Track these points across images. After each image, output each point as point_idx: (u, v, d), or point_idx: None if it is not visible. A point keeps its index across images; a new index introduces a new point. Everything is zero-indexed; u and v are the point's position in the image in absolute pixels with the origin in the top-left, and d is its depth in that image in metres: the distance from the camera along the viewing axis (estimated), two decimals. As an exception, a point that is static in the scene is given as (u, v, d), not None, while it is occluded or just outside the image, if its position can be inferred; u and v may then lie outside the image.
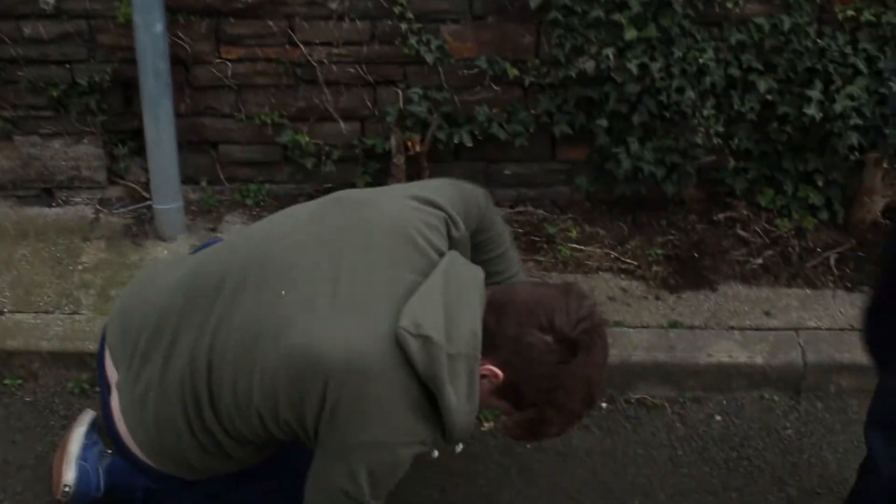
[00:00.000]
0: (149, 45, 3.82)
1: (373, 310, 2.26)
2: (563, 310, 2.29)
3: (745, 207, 4.30)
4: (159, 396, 2.43)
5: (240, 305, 2.36)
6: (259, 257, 2.42)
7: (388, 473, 2.33)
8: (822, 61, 3.94)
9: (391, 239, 2.38)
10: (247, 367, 2.30)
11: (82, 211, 4.28)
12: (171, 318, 2.45)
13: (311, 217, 2.51)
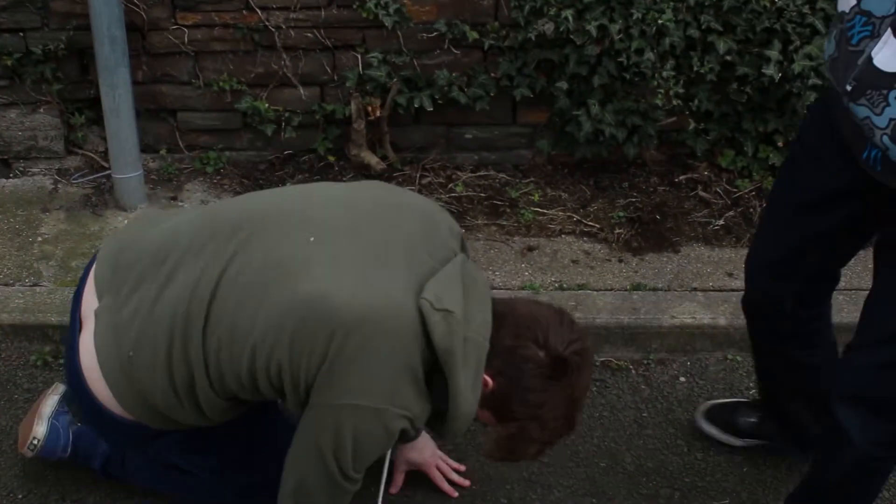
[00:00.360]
0: (103, 11, 3.77)
1: (393, 276, 2.27)
2: (558, 330, 2.36)
3: (706, 169, 4.32)
4: (146, 319, 2.37)
5: (262, 240, 2.34)
6: (288, 208, 2.44)
7: (373, 445, 2.32)
8: (780, 21, 3.94)
9: (420, 222, 2.42)
10: (257, 297, 2.27)
11: (40, 181, 4.24)
12: (178, 247, 2.41)
13: (345, 188, 2.57)
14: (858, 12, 2.19)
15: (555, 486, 3.13)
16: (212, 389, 2.38)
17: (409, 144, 4.37)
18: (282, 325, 2.23)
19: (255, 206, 2.49)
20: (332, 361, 2.20)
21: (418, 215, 2.44)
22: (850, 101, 2.23)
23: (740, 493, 3.13)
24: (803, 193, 2.59)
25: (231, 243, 2.36)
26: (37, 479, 3.05)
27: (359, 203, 2.43)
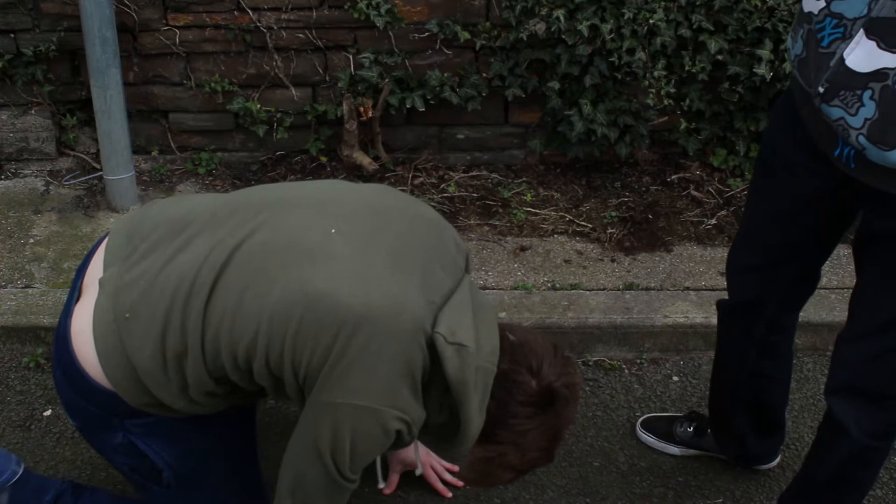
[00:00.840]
0: (94, 12, 3.77)
1: (406, 282, 2.25)
2: (552, 361, 2.38)
3: (698, 168, 4.33)
4: (151, 282, 2.30)
5: (284, 222, 2.32)
6: (313, 198, 2.42)
7: (371, 445, 2.29)
8: (771, 21, 3.95)
9: (435, 235, 2.42)
10: (270, 277, 2.23)
11: (32, 183, 4.23)
12: (198, 220, 2.38)
13: (370, 188, 2.57)
14: (828, 14, 2.20)
15: (548, 486, 3.13)
16: (203, 363, 2.30)
17: (402, 145, 4.37)
18: (290, 313, 2.20)
19: (280, 193, 2.47)
20: (335, 358, 2.18)
21: (434, 228, 2.44)
22: (823, 102, 2.23)
23: (734, 492, 3.13)
24: (778, 201, 2.59)
25: (252, 221, 2.32)
26: (30, 481, 3.05)
27: (380, 207, 2.41)
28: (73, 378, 2.41)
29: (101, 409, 2.42)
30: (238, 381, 2.33)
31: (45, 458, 3.18)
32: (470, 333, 2.25)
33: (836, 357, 2.60)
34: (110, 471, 3.12)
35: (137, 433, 2.46)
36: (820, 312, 3.65)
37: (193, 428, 2.50)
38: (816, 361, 3.63)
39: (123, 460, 2.53)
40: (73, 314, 2.43)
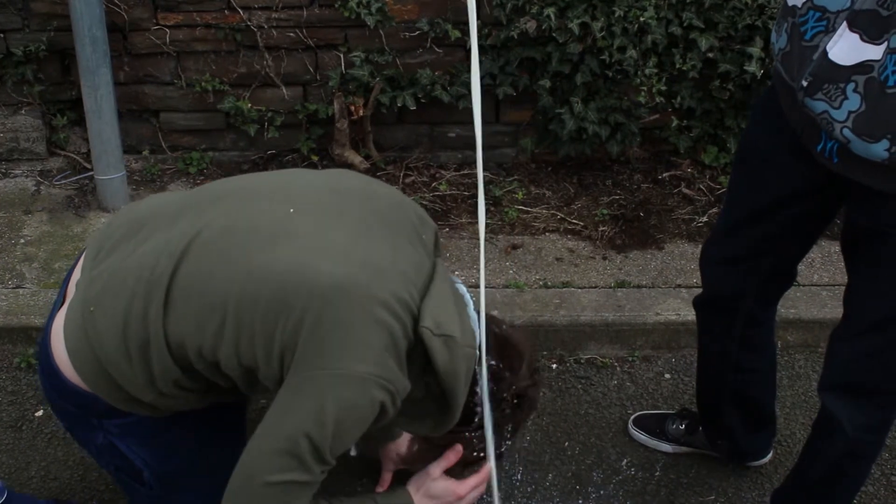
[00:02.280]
0: (84, 12, 3.76)
1: (376, 253, 2.22)
2: (528, 363, 2.44)
3: (690, 166, 4.33)
4: (112, 276, 2.28)
5: (241, 209, 2.30)
6: (270, 184, 2.41)
7: (356, 419, 2.20)
8: (761, 18, 3.95)
9: (392, 207, 2.37)
10: (232, 262, 2.19)
11: (23, 183, 4.22)
12: (157, 215, 2.36)
13: (325, 173, 2.57)
14: (812, 7, 2.20)
15: (540, 483, 3.14)
16: (168, 353, 2.24)
17: (393, 143, 4.37)
18: (257, 297, 2.15)
19: (239, 183, 2.45)
20: (309, 332, 2.13)
21: (394, 204, 2.39)
22: (806, 95, 2.23)
23: (726, 489, 3.13)
24: (757, 195, 2.59)
25: (209, 210, 2.30)
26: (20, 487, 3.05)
27: (339, 187, 2.38)
28: (51, 378, 2.39)
29: (79, 409, 2.40)
30: (204, 371, 2.27)
31: (37, 459, 3.17)
32: (455, 322, 2.23)
33: (830, 354, 2.61)
34: (102, 471, 3.12)
35: (115, 433, 2.43)
36: (811, 309, 3.65)
37: (175, 428, 2.47)
38: (808, 358, 3.63)
39: (107, 460, 2.51)
40: (55, 318, 2.42)
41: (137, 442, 2.46)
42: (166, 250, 2.23)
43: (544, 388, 3.49)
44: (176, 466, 2.52)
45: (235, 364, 2.22)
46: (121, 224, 2.42)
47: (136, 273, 2.25)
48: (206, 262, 2.21)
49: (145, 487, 2.53)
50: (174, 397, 2.35)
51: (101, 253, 2.38)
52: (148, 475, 2.50)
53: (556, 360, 3.61)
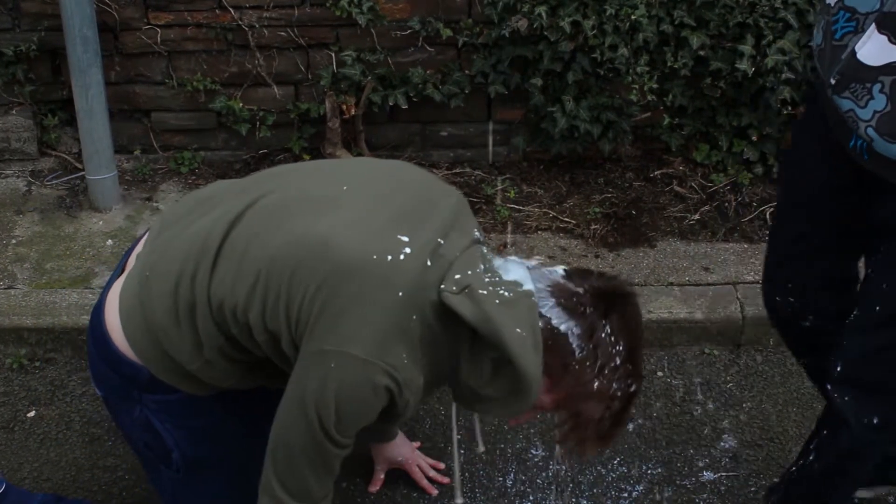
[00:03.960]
0: (75, 11, 3.76)
1: (407, 239, 2.21)
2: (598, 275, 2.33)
3: (681, 164, 4.33)
4: (171, 243, 2.35)
5: (297, 182, 2.37)
6: (331, 166, 2.52)
7: (358, 403, 2.22)
8: (752, 16, 3.95)
9: (448, 207, 2.35)
10: (276, 224, 2.25)
11: (14, 184, 4.21)
12: (222, 193, 2.42)
13: (388, 163, 2.57)
14: (842, 8, 2.22)
15: (535, 480, 3.14)
16: (210, 315, 2.30)
17: (385, 142, 4.36)
18: (289, 257, 2.20)
19: (300, 164, 2.55)
20: (326, 302, 2.15)
21: (454, 201, 2.38)
22: (834, 93, 2.25)
23: (718, 488, 3.14)
24: (800, 191, 2.60)
25: (268, 184, 2.37)
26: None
27: (398, 175, 2.42)
28: (100, 345, 2.44)
29: (123, 379, 2.43)
30: (239, 337, 2.31)
31: (29, 460, 3.17)
32: (479, 276, 2.19)
33: (839, 348, 2.60)
34: (94, 472, 3.12)
35: (153, 409, 2.46)
36: (803, 307, 3.66)
37: (212, 415, 2.51)
38: (800, 356, 3.64)
39: (139, 435, 2.53)
40: (111, 287, 2.47)
41: (173, 422, 2.49)
42: (224, 218, 2.30)
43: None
44: (206, 453, 2.55)
45: (262, 328, 2.26)
46: (187, 201, 2.50)
47: (190, 240, 2.32)
48: (253, 226, 2.28)
49: (171, 470, 2.56)
50: (218, 369, 2.38)
51: (164, 227, 2.44)
52: (177, 457, 2.53)
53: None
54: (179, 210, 2.47)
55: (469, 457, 3.22)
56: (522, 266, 2.27)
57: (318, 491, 2.37)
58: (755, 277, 3.79)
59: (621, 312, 2.22)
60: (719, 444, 3.29)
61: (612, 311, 2.20)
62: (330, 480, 2.39)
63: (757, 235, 4.02)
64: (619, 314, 2.21)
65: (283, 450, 2.32)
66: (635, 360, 2.26)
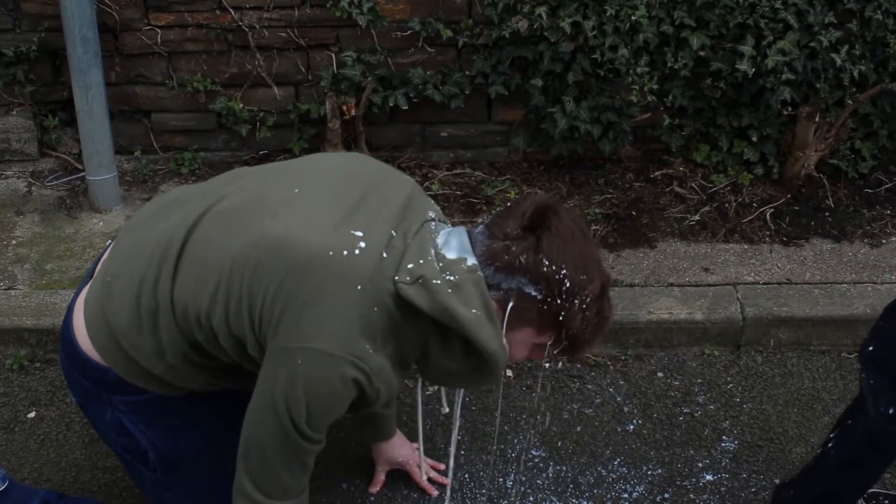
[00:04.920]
0: (75, 12, 3.76)
1: (363, 233, 2.23)
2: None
3: (682, 164, 4.34)
4: (131, 249, 2.37)
5: (254, 185, 2.37)
6: (286, 167, 2.48)
7: (327, 397, 2.25)
8: (753, 17, 3.96)
9: (401, 194, 2.38)
10: (233, 228, 2.26)
11: (14, 184, 4.21)
12: (183, 197, 2.43)
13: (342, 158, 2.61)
14: None
15: (535, 480, 3.14)
16: (174, 321, 2.31)
17: (385, 143, 4.37)
18: (248, 259, 2.22)
19: (260, 167, 2.52)
20: (287, 300, 2.18)
21: (407, 189, 2.40)
22: None
23: (719, 488, 3.13)
24: None
25: (226, 188, 2.39)
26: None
27: (352, 171, 2.43)
28: (68, 348, 2.44)
29: (91, 382, 2.44)
30: (205, 343, 2.32)
31: (30, 461, 3.17)
32: (431, 262, 2.23)
33: (876, 328, 2.60)
34: (94, 472, 3.12)
35: (124, 410, 2.46)
36: (804, 307, 3.66)
37: (184, 413, 2.51)
38: (800, 356, 3.64)
39: (115, 439, 2.54)
40: (81, 292, 2.48)
41: (145, 422, 2.49)
42: (183, 223, 2.32)
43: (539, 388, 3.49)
44: (181, 451, 2.55)
45: (226, 332, 2.28)
46: (150, 206, 2.52)
47: (152, 245, 2.33)
48: (212, 230, 2.29)
49: (150, 471, 2.56)
50: (184, 373, 2.39)
51: (127, 232, 2.47)
52: (153, 457, 2.53)
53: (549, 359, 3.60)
54: (142, 215, 2.49)
55: (469, 457, 3.22)
56: (463, 234, 2.29)
57: (293, 488, 2.39)
58: (755, 278, 3.80)
59: (548, 238, 2.20)
60: (719, 444, 3.29)
61: (540, 243, 2.20)
62: (305, 477, 2.41)
63: (757, 236, 4.02)
64: (547, 241, 2.20)
65: (255, 450, 2.33)
66: (586, 265, 2.23)
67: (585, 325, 2.25)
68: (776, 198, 4.20)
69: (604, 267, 2.30)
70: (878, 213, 4.17)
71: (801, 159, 4.17)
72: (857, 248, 3.97)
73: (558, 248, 2.20)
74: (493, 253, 2.22)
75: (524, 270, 2.20)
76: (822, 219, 4.12)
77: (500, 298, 2.23)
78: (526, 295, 2.21)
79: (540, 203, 2.25)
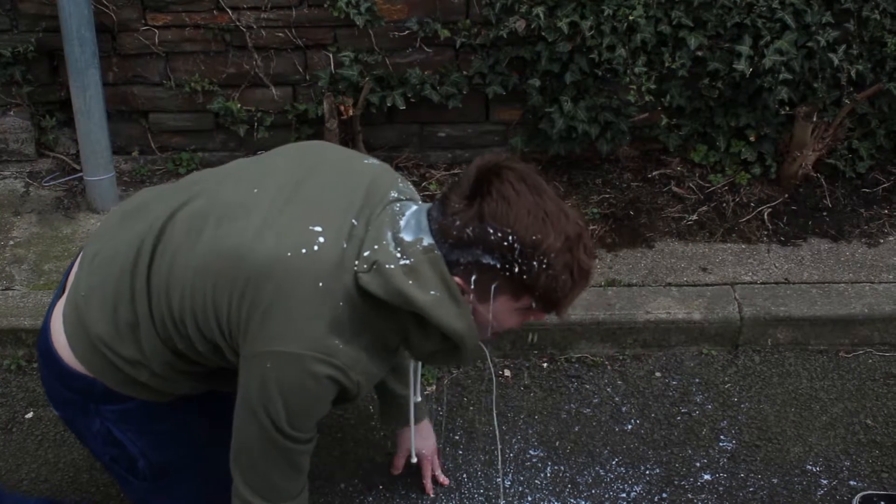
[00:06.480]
0: (73, 12, 3.76)
1: (320, 229, 2.21)
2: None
3: (679, 164, 4.33)
4: (103, 257, 2.36)
5: (215, 189, 2.35)
6: (244, 167, 2.45)
7: (302, 394, 2.24)
8: (750, 16, 3.96)
9: (363, 180, 2.33)
10: (195, 234, 2.25)
11: (12, 185, 4.21)
12: (144, 204, 2.41)
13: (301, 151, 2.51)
14: None
15: (533, 480, 3.14)
16: (155, 332, 2.31)
17: (383, 143, 4.37)
18: (207, 270, 2.21)
19: (222, 167, 2.50)
20: (251, 308, 2.18)
21: (369, 175, 2.36)
22: None
23: (717, 488, 3.14)
24: None
25: (189, 191, 2.37)
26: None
27: (311, 161, 2.40)
28: (50, 364, 2.43)
29: (77, 394, 2.43)
30: (186, 350, 2.33)
31: (28, 461, 3.17)
32: (385, 247, 2.20)
33: None
34: (93, 473, 3.12)
35: (113, 419, 2.45)
36: (801, 307, 3.66)
37: (173, 419, 2.50)
38: (798, 356, 3.64)
39: (103, 450, 2.53)
40: (56, 306, 2.47)
41: (134, 429, 2.48)
42: (150, 231, 2.30)
43: (537, 388, 3.50)
44: (171, 457, 2.54)
45: (202, 340, 2.28)
46: (114, 215, 2.49)
47: (123, 255, 2.32)
48: (176, 239, 2.28)
49: (139, 479, 2.55)
50: (170, 379, 2.40)
51: (93, 242, 2.45)
52: (143, 464, 2.52)
53: (547, 359, 3.61)
54: (107, 225, 2.47)
55: (467, 458, 3.22)
56: (422, 213, 2.25)
57: (288, 490, 2.39)
58: (753, 278, 3.80)
59: (489, 205, 2.13)
60: (717, 444, 3.29)
61: (483, 211, 2.13)
62: (299, 477, 2.41)
63: (754, 236, 4.02)
64: (489, 207, 2.13)
65: (244, 454, 2.34)
66: (535, 223, 2.14)
67: (555, 283, 2.17)
68: (774, 197, 4.20)
69: (566, 218, 2.19)
70: (875, 212, 4.17)
71: (798, 159, 4.17)
72: (855, 248, 3.98)
73: (502, 212, 2.13)
74: (444, 229, 2.18)
75: (475, 242, 2.15)
76: (819, 218, 4.12)
77: (463, 274, 2.19)
78: (485, 266, 2.16)
79: (481, 167, 2.18)
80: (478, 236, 2.14)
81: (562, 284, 2.18)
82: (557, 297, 2.21)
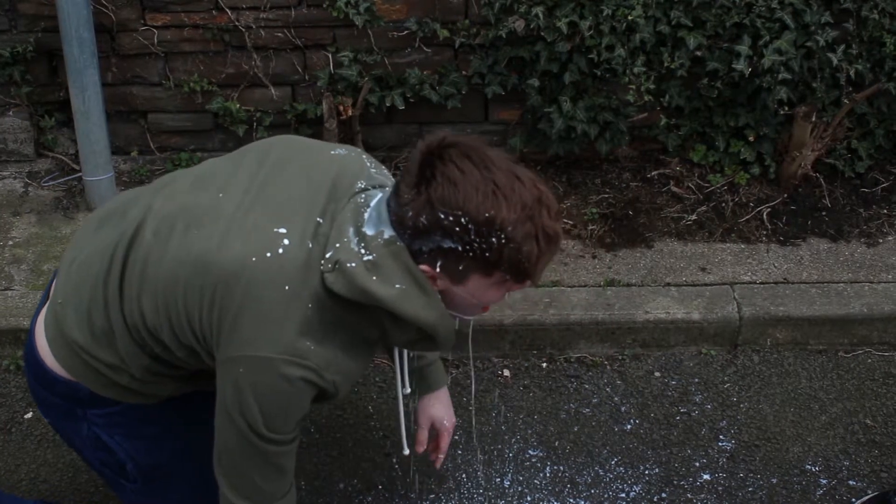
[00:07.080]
0: (72, 13, 3.75)
1: (286, 230, 2.19)
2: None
3: (678, 164, 4.33)
4: (76, 267, 2.36)
5: (183, 194, 2.33)
6: (213, 168, 2.41)
7: (277, 397, 2.22)
8: (749, 16, 3.96)
9: (328, 174, 2.30)
10: (163, 241, 2.24)
11: (11, 185, 4.21)
12: (118, 210, 2.41)
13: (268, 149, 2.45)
14: None
15: (532, 480, 3.14)
16: (130, 338, 2.31)
17: (382, 143, 4.37)
18: (176, 279, 2.20)
19: (188, 171, 2.47)
20: (221, 314, 2.17)
21: (334, 169, 2.32)
22: None
23: (716, 487, 3.14)
24: None
25: (157, 194, 2.35)
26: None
27: (276, 159, 2.37)
28: (34, 369, 2.43)
29: (63, 399, 2.43)
30: (163, 354, 2.32)
31: (27, 462, 3.17)
32: (346, 244, 2.17)
33: None
34: (92, 474, 3.12)
35: (100, 423, 2.45)
36: (800, 307, 3.66)
37: (160, 421, 2.50)
38: (797, 356, 3.64)
39: (92, 455, 2.52)
40: (40, 313, 2.47)
41: (122, 433, 2.47)
42: (122, 239, 2.30)
43: (536, 388, 3.50)
44: (161, 460, 2.54)
45: (178, 345, 2.27)
46: (91, 220, 2.48)
47: (97, 266, 2.32)
48: (145, 247, 2.27)
49: (130, 482, 2.55)
50: (150, 382, 2.39)
51: (71, 248, 2.46)
52: (132, 468, 2.51)
53: (547, 359, 3.61)
54: (84, 232, 2.46)
55: (466, 458, 3.22)
56: (382, 204, 2.21)
57: (272, 491, 2.38)
58: (752, 278, 3.80)
59: (435, 189, 2.09)
60: (717, 444, 3.29)
61: (431, 196, 2.09)
62: (282, 478, 2.38)
63: (753, 236, 4.02)
64: (435, 192, 2.09)
65: (226, 457, 2.33)
66: (485, 199, 2.09)
67: (519, 255, 2.12)
68: (773, 197, 4.20)
69: (521, 185, 2.13)
70: (874, 212, 4.17)
71: (797, 159, 4.17)
72: (854, 248, 3.98)
73: (450, 195, 2.08)
74: (401, 220, 2.14)
75: (431, 229, 2.11)
76: (818, 218, 4.12)
77: (428, 261, 2.16)
78: (448, 250, 2.12)
79: (423, 151, 2.14)
80: (432, 223, 2.10)
81: (527, 255, 2.13)
82: (526, 267, 2.15)
